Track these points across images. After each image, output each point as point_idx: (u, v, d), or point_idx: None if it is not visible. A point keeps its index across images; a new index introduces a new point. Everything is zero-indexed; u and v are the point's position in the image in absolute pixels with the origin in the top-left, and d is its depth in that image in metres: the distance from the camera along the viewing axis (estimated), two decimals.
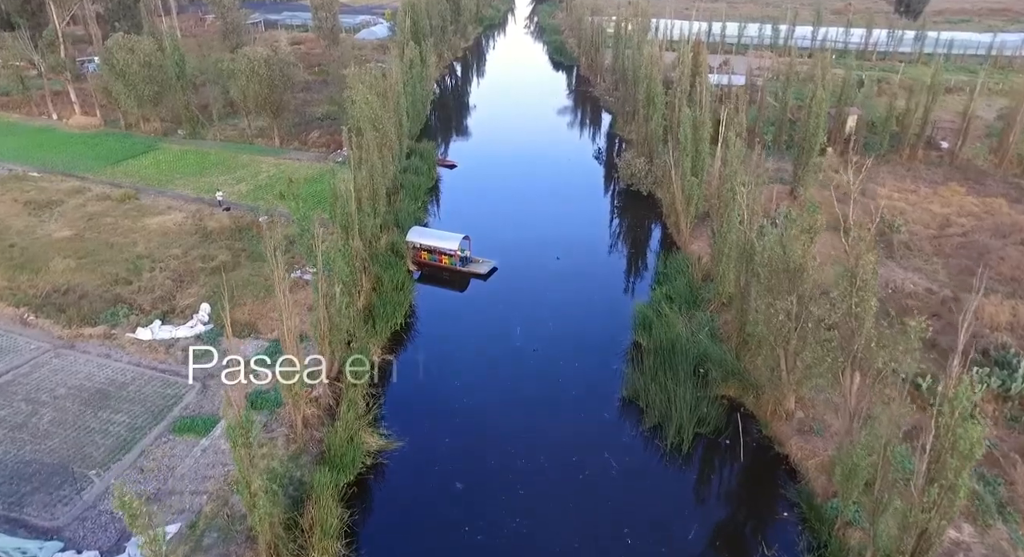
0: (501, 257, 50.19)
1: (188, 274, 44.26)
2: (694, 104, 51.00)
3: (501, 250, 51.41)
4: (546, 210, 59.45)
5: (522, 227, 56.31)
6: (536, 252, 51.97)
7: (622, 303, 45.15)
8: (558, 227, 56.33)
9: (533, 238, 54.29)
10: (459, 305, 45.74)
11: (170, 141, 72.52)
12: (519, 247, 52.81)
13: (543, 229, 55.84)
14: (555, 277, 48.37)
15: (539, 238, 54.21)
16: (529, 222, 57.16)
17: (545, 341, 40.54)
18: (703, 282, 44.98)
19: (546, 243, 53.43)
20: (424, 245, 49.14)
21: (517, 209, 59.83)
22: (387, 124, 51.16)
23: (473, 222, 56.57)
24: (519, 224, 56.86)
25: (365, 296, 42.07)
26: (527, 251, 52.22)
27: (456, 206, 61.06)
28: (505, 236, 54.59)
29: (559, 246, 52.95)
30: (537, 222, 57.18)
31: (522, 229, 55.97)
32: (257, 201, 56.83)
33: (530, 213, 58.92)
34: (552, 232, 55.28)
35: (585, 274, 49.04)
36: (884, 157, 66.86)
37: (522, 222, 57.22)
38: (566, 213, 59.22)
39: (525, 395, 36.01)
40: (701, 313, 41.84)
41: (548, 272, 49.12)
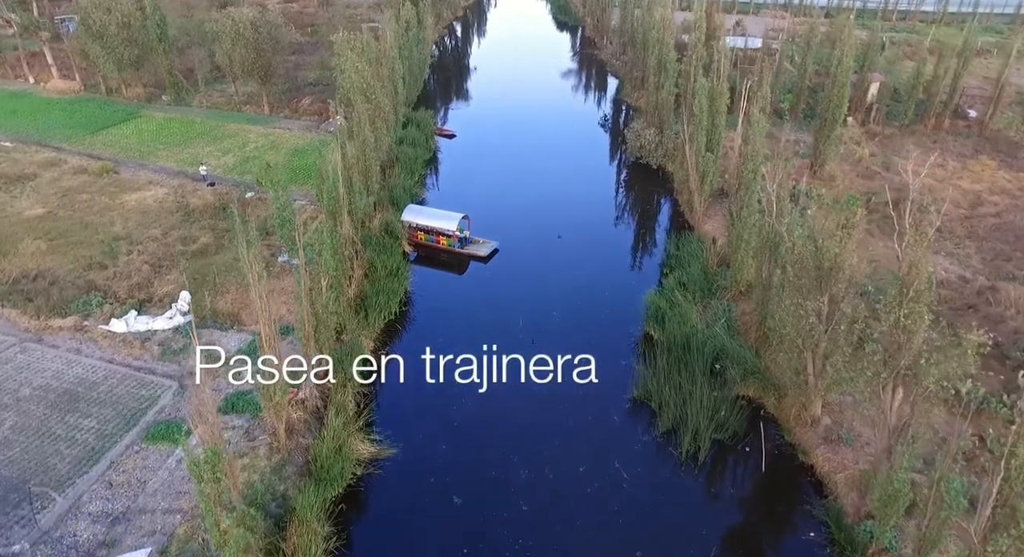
0: (503, 236, 47.18)
1: (167, 258, 41.31)
2: (710, 72, 47.28)
3: (502, 228, 48.36)
4: (550, 184, 56.17)
5: (524, 203, 53.14)
6: (539, 231, 48.91)
7: (631, 289, 42.29)
8: (562, 203, 53.14)
9: (536, 215, 51.17)
10: (458, 291, 42.89)
11: (153, 108, 68.77)
12: (521, 225, 49.74)
13: (547, 205, 52.66)
14: (560, 259, 45.41)
15: (542, 215, 51.08)
16: (532, 197, 53.96)
17: (549, 332, 37.79)
18: (718, 267, 42.03)
19: (550, 221, 50.32)
20: (421, 225, 46.09)
21: (519, 183, 56.52)
22: (380, 94, 47.62)
23: (473, 198, 53.48)
24: (521, 200, 53.67)
25: (356, 284, 39.22)
26: (530, 230, 49.16)
27: (455, 180, 57.74)
28: (506, 213, 51.49)
29: (563, 224, 49.86)
30: (540, 197, 53.96)
31: (524, 205, 52.81)
32: (244, 175, 53.60)
33: (533, 188, 55.65)
34: (556, 208, 52.12)
35: (591, 256, 46.07)
36: (908, 127, 63.22)
37: (524, 197, 54.02)
38: (571, 188, 55.93)
39: (528, 394, 33.42)
40: (717, 302, 39.03)
41: (552, 253, 46.14)
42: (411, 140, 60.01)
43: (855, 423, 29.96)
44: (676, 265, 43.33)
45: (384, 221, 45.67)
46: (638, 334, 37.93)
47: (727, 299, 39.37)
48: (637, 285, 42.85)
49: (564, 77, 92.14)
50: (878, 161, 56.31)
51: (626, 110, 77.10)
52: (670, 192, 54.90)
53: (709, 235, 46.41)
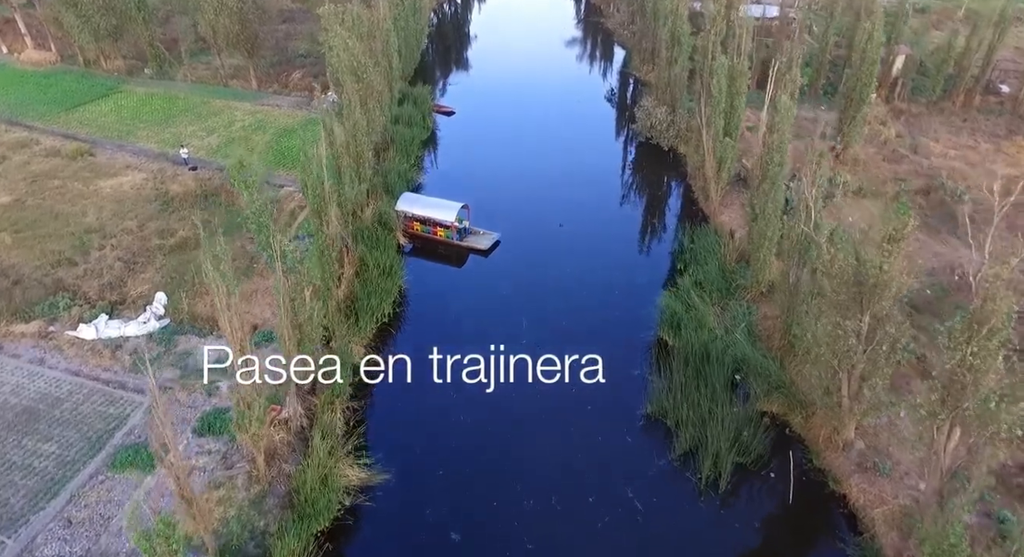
0: (504, 225, 44.08)
1: (143, 253, 38.27)
2: (729, 48, 43.56)
3: (504, 216, 45.27)
4: (554, 166, 52.69)
5: (528, 187, 49.82)
6: (543, 219, 45.72)
7: (643, 287, 39.33)
8: (568, 187, 49.76)
9: (540, 201, 47.91)
10: (456, 288, 39.87)
11: (135, 82, 64.87)
12: (525, 212, 46.56)
13: (551, 190, 49.32)
14: (566, 251, 42.34)
15: (547, 201, 47.82)
16: (535, 181, 50.58)
17: (555, 336, 34.94)
18: (736, 264, 39.00)
19: (554, 206, 47.09)
20: (417, 215, 42.92)
21: (522, 166, 53.07)
22: (373, 72, 44.01)
23: (473, 182, 50.21)
24: (524, 183, 50.32)
25: (347, 283, 36.24)
26: (533, 217, 45.96)
27: (454, 162, 54.26)
28: (508, 198, 48.28)
29: (569, 211, 46.65)
30: (544, 181, 50.57)
31: (528, 189, 49.50)
32: (226, 158, 50.08)
33: (536, 170, 52.21)
34: (561, 193, 48.79)
35: (599, 248, 42.96)
36: (936, 104, 59.47)
37: (528, 181, 50.65)
38: (577, 170, 52.48)
39: (534, 407, 30.73)
40: (736, 304, 36.10)
41: (557, 244, 43.05)
42: (407, 119, 56.38)
43: (892, 448, 27.29)
44: (691, 260, 40.31)
45: (377, 211, 42.48)
46: (651, 339, 35.09)
47: (747, 300, 36.44)
48: (649, 282, 39.87)
49: (568, 46, 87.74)
50: (905, 143, 52.79)
51: (634, 84, 73.09)
52: (683, 176, 51.53)
53: (725, 227, 43.28)
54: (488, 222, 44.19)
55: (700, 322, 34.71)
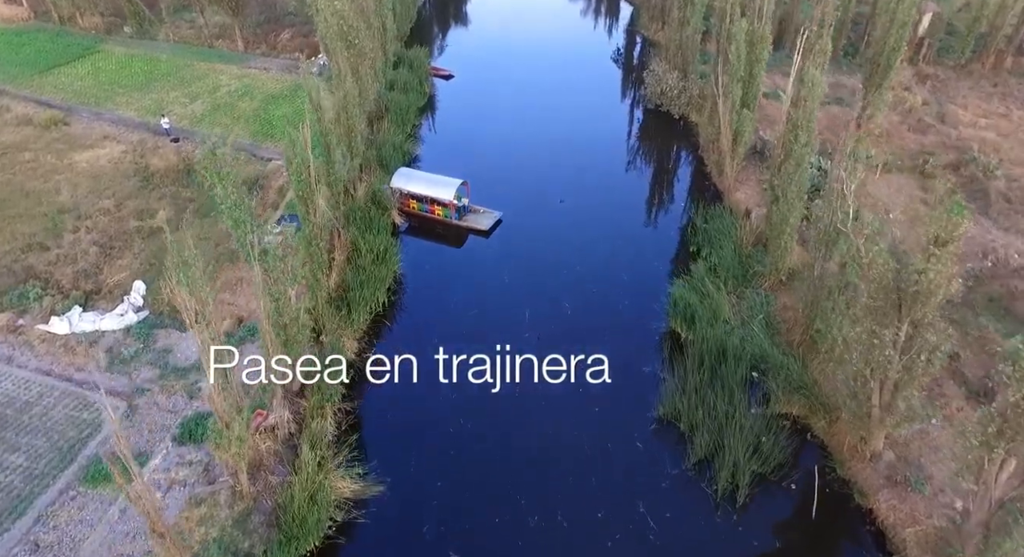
0: (506, 200, 41.60)
1: (120, 236, 35.82)
2: (748, 10, 40.21)
3: (505, 191, 42.81)
4: (558, 137, 49.72)
5: (531, 160, 46.96)
6: (547, 194, 43.10)
7: (653, 272, 37.04)
8: (572, 160, 46.95)
9: (544, 174, 45.16)
10: (454, 273, 37.38)
11: (114, 41, 61.29)
12: (527, 186, 43.93)
13: (555, 162, 46.52)
14: (570, 231, 39.83)
15: (551, 175, 45.08)
16: (539, 154, 47.69)
17: (560, 327, 32.83)
18: (753, 247, 36.59)
19: (559, 180, 44.44)
20: (413, 192, 40.29)
21: (524, 135, 50.10)
22: (365, 36, 40.75)
23: (472, 154, 47.45)
24: (527, 156, 47.45)
25: (337, 271, 33.87)
26: (536, 193, 43.31)
27: (452, 132, 51.24)
28: (510, 172, 45.57)
29: (573, 186, 44.00)
30: (548, 153, 47.71)
31: (531, 163, 46.66)
32: (214, 127, 47.21)
33: (539, 140, 49.26)
34: (566, 167, 46.03)
35: (606, 227, 40.40)
36: (964, 67, 56.08)
37: (531, 154, 47.76)
38: (582, 141, 49.56)
39: (538, 409, 28.79)
40: (752, 292, 33.84)
41: (562, 224, 40.50)
42: (402, 84, 53.13)
43: (925, 460, 25.39)
44: (704, 242, 37.87)
45: (370, 189, 39.82)
46: (662, 330, 32.94)
47: (764, 289, 34.17)
48: (660, 266, 37.55)
49: (572, 1, 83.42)
50: (932, 111, 49.72)
51: (642, 44, 69.31)
52: (695, 148, 48.62)
53: (741, 205, 40.71)
54: (489, 197, 41.62)
55: (715, 313, 32.54)
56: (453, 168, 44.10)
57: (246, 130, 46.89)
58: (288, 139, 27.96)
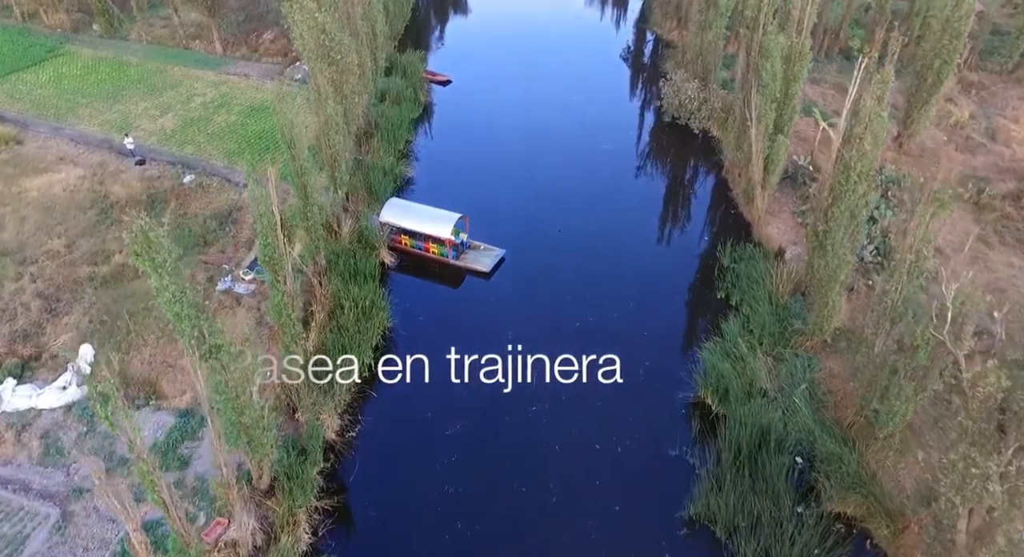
0: (508, 231, 37.41)
1: (69, 286, 31.36)
2: (788, 23, 35.47)
3: (506, 220, 38.70)
4: (565, 155, 45.02)
5: (534, 184, 42.30)
6: (552, 223, 38.63)
7: (676, 324, 32.73)
8: (581, 182, 42.41)
9: (549, 200, 40.62)
10: (449, 322, 32.75)
11: (80, 41, 56.26)
12: (530, 214, 39.45)
13: (562, 186, 41.95)
14: (581, 271, 35.33)
15: (556, 201, 40.53)
16: (543, 174, 43.02)
17: (574, 399, 28.59)
18: (791, 296, 32.22)
19: (565, 208, 39.95)
20: (404, 228, 35.79)
21: (527, 152, 45.39)
22: (350, 48, 35.95)
23: (470, 175, 43.10)
24: (530, 178, 42.79)
25: (317, 331, 29.44)
26: (540, 221, 38.80)
27: (449, 150, 46.42)
28: (512, 197, 41.06)
29: (584, 213, 39.54)
30: (554, 175, 43.09)
31: (534, 186, 42.02)
32: (184, 146, 42.65)
33: (544, 160, 44.57)
34: (574, 190, 41.53)
35: (621, 266, 35.91)
36: (1012, 73, 51.27)
37: (534, 175, 43.09)
38: (593, 160, 44.91)
39: (544, 505, 24.65)
40: (791, 354, 29.53)
41: (571, 262, 35.98)
42: (395, 94, 48.34)
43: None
44: (733, 287, 33.56)
45: (356, 228, 35.28)
46: (689, 399, 28.67)
47: (805, 349, 29.86)
48: (684, 316, 33.23)
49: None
50: (979, 126, 45.08)
51: (654, 43, 64.32)
52: (717, 168, 44.02)
53: (773, 242, 36.32)
54: (488, 226, 37.25)
55: (750, 381, 28.37)
56: (450, 193, 39.81)
57: (220, 149, 42.24)
58: (252, 188, 23.36)
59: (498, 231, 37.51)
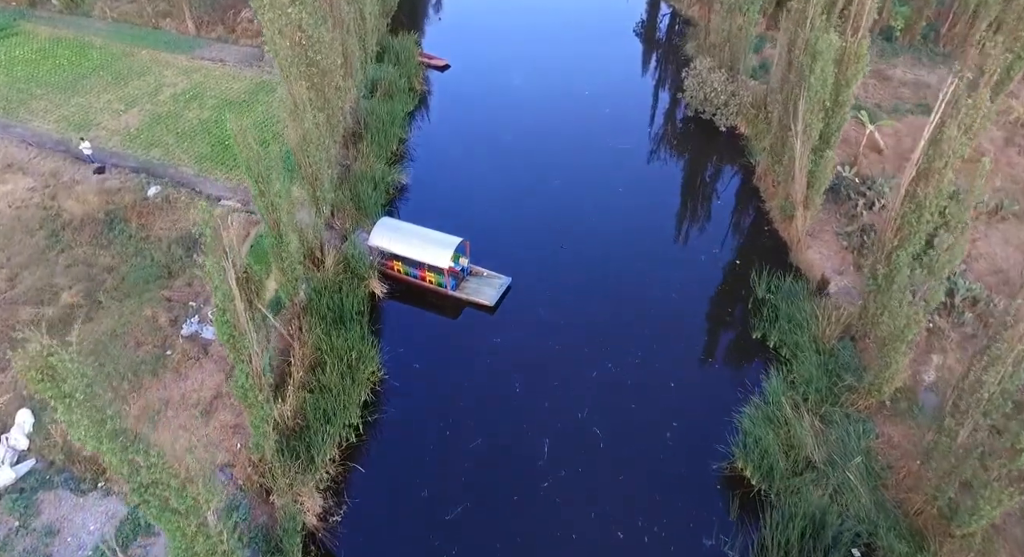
0: (514, 252, 33.28)
1: (6, 333, 27.17)
2: (843, 21, 30.57)
3: (513, 238, 34.37)
4: (574, 156, 40.50)
5: (542, 196, 37.79)
6: (560, 239, 34.42)
7: (708, 374, 28.68)
8: (594, 188, 38.00)
9: (559, 214, 36.28)
10: (448, 370, 28.68)
11: (38, 18, 50.85)
12: (539, 231, 35.17)
13: (572, 199, 37.49)
14: (593, 304, 31.17)
15: (568, 215, 36.20)
16: (549, 181, 38.53)
17: (590, 464, 24.83)
18: (838, 340, 28.17)
19: (577, 222, 35.70)
20: (398, 254, 31.50)
21: (536, 155, 40.74)
22: (333, 47, 31.02)
23: (468, 178, 38.81)
24: (538, 190, 38.24)
25: (294, 392, 25.36)
26: (549, 243, 34.57)
27: (447, 151, 41.56)
28: (518, 211, 36.59)
29: (597, 225, 35.37)
30: (561, 178, 38.65)
31: (542, 200, 37.52)
32: (151, 149, 37.97)
33: (551, 161, 40.01)
34: (584, 196, 37.18)
35: (642, 293, 31.84)
36: None
37: (540, 178, 38.59)
38: (605, 161, 40.28)
39: None
40: (841, 413, 25.65)
41: (584, 293, 31.77)
42: (386, 85, 43.35)
43: None
44: (771, 326, 29.57)
45: (342, 254, 30.97)
46: (724, 471, 24.86)
47: (857, 409, 25.96)
48: (716, 364, 29.14)
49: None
50: None
51: (671, 17, 58.83)
52: (747, 174, 39.43)
53: (814, 269, 32.09)
54: (492, 247, 33.15)
55: (796, 451, 24.60)
56: (447, 204, 35.93)
57: (190, 153, 37.59)
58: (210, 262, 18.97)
59: (502, 251, 33.44)
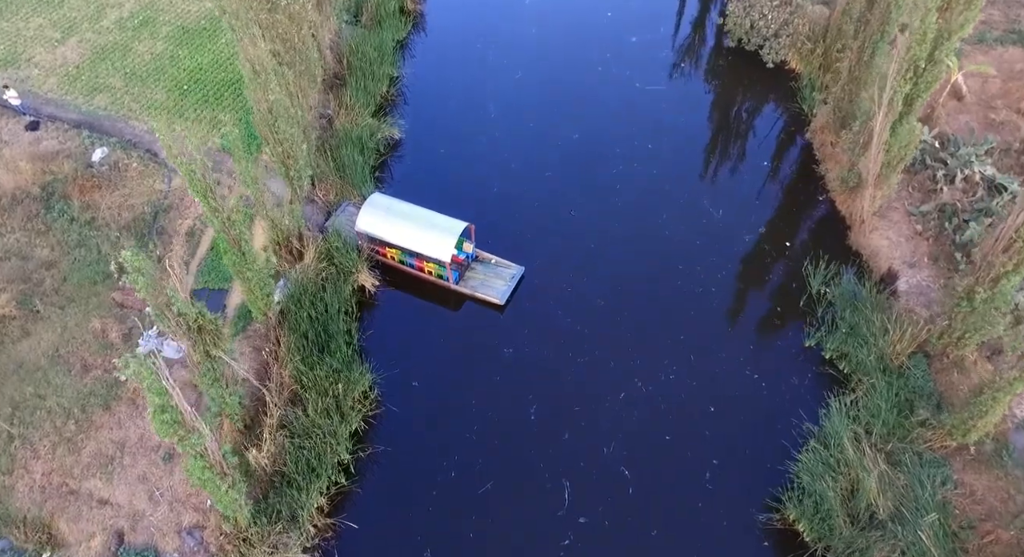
0: (525, 222, 28.72)
1: None
2: None
3: (526, 208, 29.49)
4: (599, 105, 34.40)
5: (557, 150, 32.22)
6: (582, 221, 29.49)
7: (749, 392, 24.61)
8: (617, 146, 32.25)
9: (577, 179, 31.01)
10: (451, 388, 24.50)
11: None
12: (553, 200, 30.15)
13: (594, 156, 31.95)
14: (617, 300, 26.68)
15: (586, 180, 30.95)
16: (570, 141, 32.77)
17: (617, 522, 21.48)
18: (909, 358, 23.97)
19: (599, 189, 30.59)
20: (392, 243, 26.63)
21: (547, 97, 34.67)
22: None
23: (474, 132, 32.85)
24: (552, 141, 32.58)
25: (270, 434, 21.40)
26: (565, 214, 29.67)
27: (444, 89, 35.29)
28: (528, 171, 31.34)
29: (618, 195, 30.27)
30: (585, 136, 32.93)
31: (557, 155, 32.02)
32: (94, 94, 32.00)
33: (572, 109, 34.08)
34: (607, 168, 31.46)
35: (668, 282, 27.29)
36: None
37: (557, 137, 32.79)
38: (633, 109, 34.27)
39: None
40: (912, 452, 21.98)
41: (604, 287, 27.10)
42: (373, 7, 36.34)
43: None
44: (827, 333, 25.32)
45: (325, 245, 26.11)
46: (775, 523, 21.50)
47: (931, 448, 22.23)
48: (760, 375, 25.02)
49: None
50: None
51: None
52: (799, 125, 33.49)
53: (879, 258, 27.33)
54: (499, 222, 28.45)
55: (856, 493, 21.19)
56: (445, 163, 30.91)
57: (143, 101, 31.70)
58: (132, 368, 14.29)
59: (510, 224, 28.84)
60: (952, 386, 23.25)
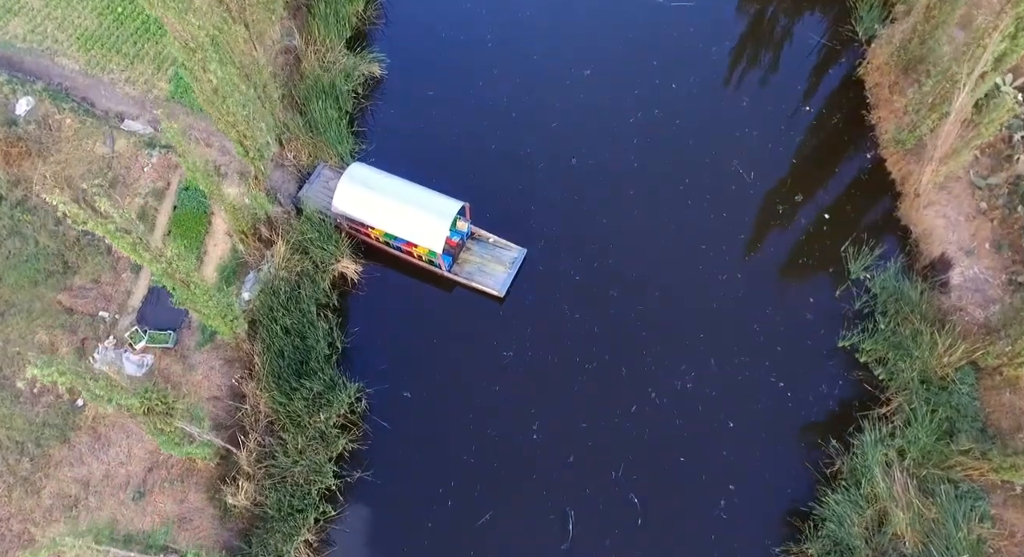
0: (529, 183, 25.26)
1: None
2: None
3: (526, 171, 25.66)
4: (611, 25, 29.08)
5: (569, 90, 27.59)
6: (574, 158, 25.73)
7: (773, 403, 22.37)
8: (634, 97, 27.47)
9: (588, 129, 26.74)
10: (446, 400, 22.10)
11: None
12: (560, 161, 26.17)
13: (608, 102, 27.31)
14: (632, 310, 23.57)
15: (599, 131, 26.66)
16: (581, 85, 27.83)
17: (621, 546, 20.22)
18: (957, 370, 21.49)
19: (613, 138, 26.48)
20: (375, 226, 23.13)
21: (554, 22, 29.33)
22: None
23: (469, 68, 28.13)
24: (563, 82, 27.85)
25: (249, 490, 19.31)
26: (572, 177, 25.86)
27: (433, 19, 29.48)
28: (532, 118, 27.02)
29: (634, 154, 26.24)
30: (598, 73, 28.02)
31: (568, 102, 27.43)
32: (8, 21, 26.73)
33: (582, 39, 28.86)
34: (621, 122, 26.89)
35: (687, 277, 24.12)
36: None
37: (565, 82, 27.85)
38: (656, 32, 29.00)
39: None
40: (947, 482, 20.27)
41: (617, 281, 23.86)
42: None
43: None
44: (865, 332, 22.70)
45: (296, 234, 22.57)
46: (787, 553, 20.25)
47: (969, 477, 20.43)
48: (785, 383, 22.67)
49: None
50: None
51: None
52: (850, 53, 28.25)
53: (931, 238, 23.97)
54: (501, 196, 24.82)
55: (883, 525, 19.82)
56: (438, 109, 26.85)
57: (70, 30, 26.51)
58: None
59: (511, 190, 25.15)
60: (1002, 408, 21.00)
